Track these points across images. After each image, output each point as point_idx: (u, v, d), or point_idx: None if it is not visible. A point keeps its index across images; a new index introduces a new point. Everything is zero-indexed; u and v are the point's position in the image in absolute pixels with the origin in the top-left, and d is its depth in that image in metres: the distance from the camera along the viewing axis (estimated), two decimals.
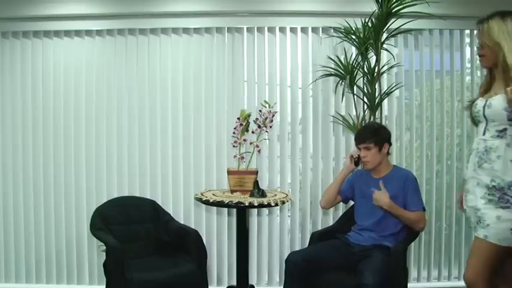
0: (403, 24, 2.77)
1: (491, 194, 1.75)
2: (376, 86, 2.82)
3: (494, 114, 1.76)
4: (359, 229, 2.53)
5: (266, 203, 2.55)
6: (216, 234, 3.20)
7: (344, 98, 3.07)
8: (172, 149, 3.19)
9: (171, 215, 3.03)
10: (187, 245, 2.70)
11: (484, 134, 1.81)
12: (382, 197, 2.36)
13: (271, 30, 3.19)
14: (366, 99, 2.86)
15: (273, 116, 2.83)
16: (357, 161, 2.62)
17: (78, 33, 3.17)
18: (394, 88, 2.97)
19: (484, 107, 1.79)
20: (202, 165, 3.18)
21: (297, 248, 3.13)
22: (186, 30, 3.17)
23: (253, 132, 2.86)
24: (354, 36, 2.86)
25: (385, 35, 2.80)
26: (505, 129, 1.74)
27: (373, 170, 2.52)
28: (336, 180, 2.70)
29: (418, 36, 3.21)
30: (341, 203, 2.86)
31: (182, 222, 3.07)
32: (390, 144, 2.53)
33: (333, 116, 3.14)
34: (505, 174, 1.73)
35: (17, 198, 3.19)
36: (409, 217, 2.39)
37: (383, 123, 2.88)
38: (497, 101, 1.74)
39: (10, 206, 3.19)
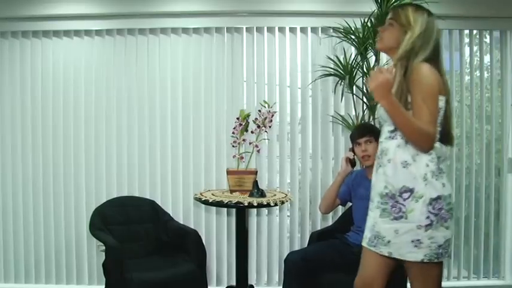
0: None
1: (384, 203, 1.60)
2: None
3: (384, 113, 1.61)
4: (358, 230, 2.53)
5: (265, 203, 2.55)
6: (216, 234, 3.20)
7: (343, 98, 3.08)
8: (171, 149, 3.19)
9: (171, 215, 3.04)
10: (187, 245, 2.71)
11: (381, 136, 1.69)
12: None
13: (270, 30, 3.19)
14: (365, 99, 2.87)
15: (272, 116, 2.82)
16: (353, 162, 2.62)
17: (77, 33, 3.17)
18: None
19: (380, 107, 1.64)
20: (201, 165, 3.18)
21: (296, 247, 3.13)
22: (185, 30, 3.17)
23: (252, 132, 2.85)
24: (353, 36, 2.86)
25: None
26: (395, 130, 1.59)
27: (369, 169, 2.51)
28: (333, 184, 2.68)
29: None
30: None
31: (181, 222, 3.07)
32: None
33: (332, 116, 3.14)
34: (396, 180, 1.56)
35: (16, 198, 3.18)
36: None
37: None
38: None
39: (9, 206, 3.18)
